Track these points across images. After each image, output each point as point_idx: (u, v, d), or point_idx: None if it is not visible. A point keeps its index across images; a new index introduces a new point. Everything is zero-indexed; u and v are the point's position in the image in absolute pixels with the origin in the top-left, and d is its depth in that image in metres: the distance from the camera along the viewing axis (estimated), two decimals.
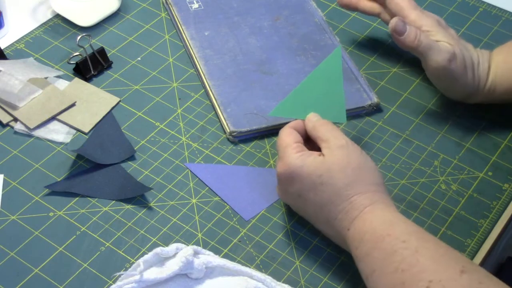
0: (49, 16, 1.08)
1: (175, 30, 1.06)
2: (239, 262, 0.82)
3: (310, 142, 0.84)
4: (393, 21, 0.91)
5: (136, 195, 0.87)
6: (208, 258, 0.79)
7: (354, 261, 0.77)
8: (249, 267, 0.80)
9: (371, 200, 0.77)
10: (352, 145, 0.81)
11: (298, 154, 0.80)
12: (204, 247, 0.83)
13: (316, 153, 0.81)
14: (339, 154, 0.79)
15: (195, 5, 1.08)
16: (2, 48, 1.00)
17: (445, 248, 0.72)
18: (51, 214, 0.85)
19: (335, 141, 0.80)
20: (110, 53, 1.02)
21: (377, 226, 0.75)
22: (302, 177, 0.79)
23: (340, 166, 0.79)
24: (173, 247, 0.77)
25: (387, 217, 0.76)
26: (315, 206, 0.80)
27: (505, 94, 0.94)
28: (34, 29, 1.05)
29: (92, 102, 0.96)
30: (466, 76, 0.92)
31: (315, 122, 0.84)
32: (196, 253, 0.79)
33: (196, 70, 1.01)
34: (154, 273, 0.76)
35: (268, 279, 0.79)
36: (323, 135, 0.82)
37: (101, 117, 0.95)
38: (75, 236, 0.83)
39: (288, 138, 0.82)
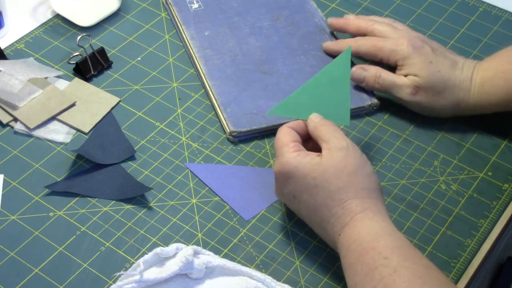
0: (49, 16, 1.08)
1: (175, 30, 1.06)
2: (239, 262, 0.82)
3: (310, 143, 0.84)
4: (352, 71, 0.94)
5: (136, 195, 0.87)
6: (208, 258, 0.79)
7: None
8: (249, 267, 0.80)
9: (362, 206, 0.77)
10: (352, 148, 0.80)
11: (294, 154, 0.80)
12: (204, 247, 0.83)
13: (313, 154, 0.80)
14: (337, 157, 0.79)
15: (195, 5, 1.08)
16: (2, 48, 1.00)
17: (425, 268, 0.72)
18: (51, 214, 0.85)
19: (335, 142, 0.80)
20: (110, 53, 1.02)
21: (364, 237, 0.75)
22: (297, 178, 0.80)
23: (336, 169, 0.78)
24: (173, 247, 0.77)
25: (374, 228, 0.75)
26: (309, 208, 0.80)
27: (495, 107, 0.93)
28: (34, 29, 1.05)
29: (92, 102, 0.96)
30: (439, 100, 0.93)
31: (316, 123, 0.83)
32: (196, 253, 0.79)
33: (196, 70, 1.01)
34: (154, 273, 0.76)
35: (268, 279, 0.79)
36: (324, 135, 0.82)
37: (101, 117, 0.95)
38: (75, 236, 0.83)
39: (285, 137, 0.82)
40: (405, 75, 0.93)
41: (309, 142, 0.84)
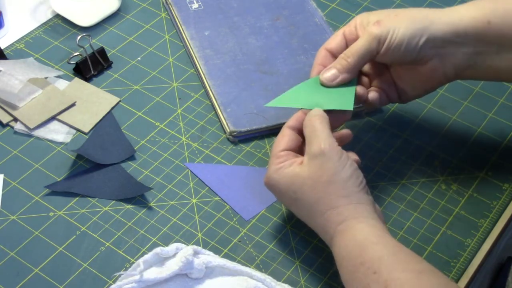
0: (49, 16, 1.08)
1: (175, 30, 1.06)
2: (239, 262, 0.82)
3: None
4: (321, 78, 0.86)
5: (136, 195, 0.87)
6: (208, 258, 0.79)
7: None
8: (249, 267, 0.80)
9: (342, 216, 0.76)
10: (329, 151, 0.77)
11: (278, 166, 0.79)
12: (204, 247, 0.83)
13: (298, 160, 0.79)
14: (313, 166, 0.78)
15: (195, 5, 1.08)
16: (2, 48, 1.00)
17: (417, 273, 0.71)
18: (51, 214, 0.85)
19: (311, 148, 0.78)
20: (110, 53, 1.02)
21: (351, 251, 0.74)
22: (280, 192, 0.80)
23: (312, 180, 0.77)
24: (173, 247, 0.77)
25: (358, 239, 0.74)
26: (301, 217, 0.81)
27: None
28: (34, 29, 1.05)
29: (92, 102, 0.96)
30: (404, 21, 0.83)
31: (306, 121, 0.81)
32: (196, 253, 0.79)
33: (196, 70, 1.01)
34: (154, 273, 0.76)
35: (268, 279, 0.79)
36: (307, 137, 0.80)
37: (101, 117, 0.95)
38: (75, 236, 0.83)
39: (278, 144, 0.81)
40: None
41: None
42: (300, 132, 0.82)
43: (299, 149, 0.82)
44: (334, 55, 0.86)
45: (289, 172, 0.79)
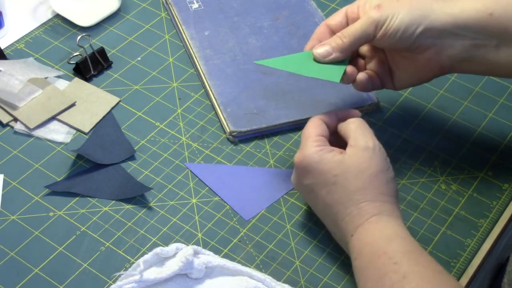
0: (49, 16, 1.08)
1: (175, 30, 1.06)
2: (239, 262, 0.82)
3: (338, 136, 0.83)
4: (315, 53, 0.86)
5: (136, 195, 0.87)
6: (208, 258, 0.79)
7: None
8: (249, 267, 0.80)
9: (379, 209, 0.77)
10: (379, 150, 0.79)
11: (317, 148, 0.79)
12: (204, 247, 0.83)
13: (337, 150, 0.80)
14: (361, 156, 0.78)
15: (195, 5, 1.08)
16: (2, 48, 1.00)
17: (436, 273, 0.72)
18: (51, 214, 0.85)
19: (362, 141, 0.79)
20: (110, 53, 1.02)
21: (377, 240, 0.74)
22: (317, 173, 0.79)
23: (358, 169, 0.78)
24: (173, 247, 0.77)
25: (388, 231, 0.75)
26: (325, 203, 0.79)
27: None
28: (34, 29, 1.05)
29: (92, 102, 0.96)
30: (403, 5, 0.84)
31: (350, 120, 0.82)
32: (196, 253, 0.79)
33: (196, 70, 1.01)
34: (154, 273, 0.76)
35: (268, 279, 0.79)
36: (353, 132, 0.81)
37: (101, 117, 0.95)
38: (75, 236, 0.83)
39: (313, 129, 0.81)
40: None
41: (337, 135, 0.84)
42: (328, 127, 0.83)
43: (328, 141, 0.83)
44: (333, 32, 0.86)
45: (332, 156, 0.79)
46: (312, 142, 0.80)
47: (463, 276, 0.83)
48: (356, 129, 0.81)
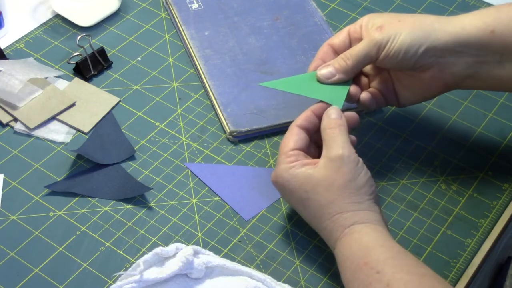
0: (49, 16, 1.08)
1: (175, 30, 1.06)
2: (239, 262, 0.82)
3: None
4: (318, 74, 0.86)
5: (136, 195, 0.87)
6: (208, 258, 0.79)
7: None
8: (249, 267, 0.80)
9: (352, 220, 0.76)
10: (348, 157, 0.78)
11: (289, 165, 0.79)
12: (204, 247, 0.83)
13: (310, 163, 0.79)
14: (329, 168, 0.78)
15: (195, 5, 1.08)
16: (2, 48, 1.00)
17: (419, 276, 0.71)
18: (51, 214, 0.85)
19: (334, 150, 0.78)
20: (110, 53, 1.02)
21: (355, 252, 0.74)
22: (289, 190, 0.80)
23: (327, 182, 0.77)
24: (173, 247, 0.77)
25: (364, 241, 0.75)
26: (306, 217, 0.81)
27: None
28: (34, 29, 1.05)
29: (92, 102, 0.96)
30: (405, 25, 0.83)
31: (325, 124, 0.81)
32: (196, 253, 0.79)
33: (196, 70, 1.01)
34: (154, 273, 0.76)
35: (268, 279, 0.79)
36: (326, 139, 0.80)
37: (101, 117, 0.95)
38: (75, 236, 0.83)
39: (288, 143, 0.81)
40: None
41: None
42: (308, 131, 0.82)
43: (307, 148, 0.82)
44: (336, 51, 0.86)
45: (302, 172, 0.79)
46: (284, 159, 0.80)
47: (463, 276, 0.83)
48: (330, 137, 0.80)
